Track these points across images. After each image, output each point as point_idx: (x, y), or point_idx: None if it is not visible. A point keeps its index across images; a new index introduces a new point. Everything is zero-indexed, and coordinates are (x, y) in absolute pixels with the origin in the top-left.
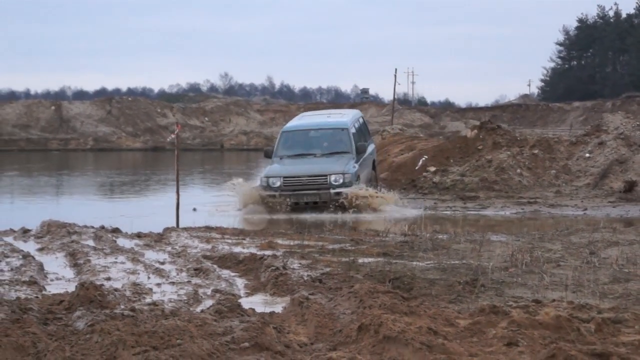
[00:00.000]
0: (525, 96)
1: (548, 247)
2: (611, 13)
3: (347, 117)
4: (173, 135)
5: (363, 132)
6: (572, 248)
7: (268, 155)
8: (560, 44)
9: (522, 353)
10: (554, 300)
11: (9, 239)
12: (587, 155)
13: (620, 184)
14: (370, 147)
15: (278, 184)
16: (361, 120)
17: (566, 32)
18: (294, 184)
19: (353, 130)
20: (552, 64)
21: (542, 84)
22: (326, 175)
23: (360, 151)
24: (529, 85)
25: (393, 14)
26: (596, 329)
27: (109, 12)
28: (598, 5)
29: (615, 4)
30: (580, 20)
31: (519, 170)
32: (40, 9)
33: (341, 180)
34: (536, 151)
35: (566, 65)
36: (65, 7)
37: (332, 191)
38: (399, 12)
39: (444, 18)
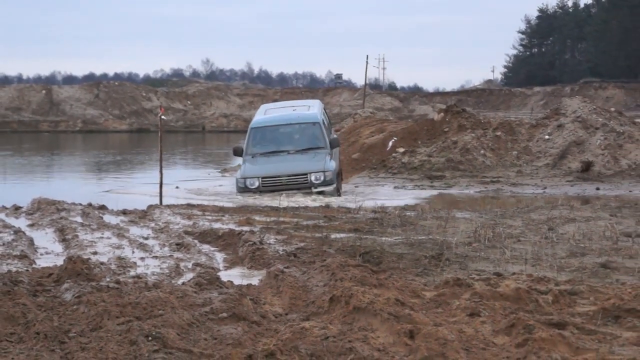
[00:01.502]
0: (489, 81)
1: (509, 224)
2: (570, 3)
3: (314, 109)
4: (164, 118)
5: (327, 124)
6: (531, 224)
7: (238, 153)
8: (522, 32)
9: (484, 323)
10: (514, 274)
11: (1, 215)
12: (547, 137)
13: (577, 164)
14: (334, 139)
15: (256, 184)
16: (324, 111)
17: (528, 21)
18: (273, 184)
19: (323, 123)
20: (515, 51)
21: (505, 70)
22: (306, 174)
23: (334, 145)
24: (493, 71)
25: (366, 2)
26: (553, 300)
27: (99, 0)
28: None
29: None
30: (541, 10)
31: (482, 152)
32: None
33: (322, 179)
34: (499, 133)
35: (527, 53)
36: None
37: (314, 190)
38: (373, 2)
39: (413, 6)
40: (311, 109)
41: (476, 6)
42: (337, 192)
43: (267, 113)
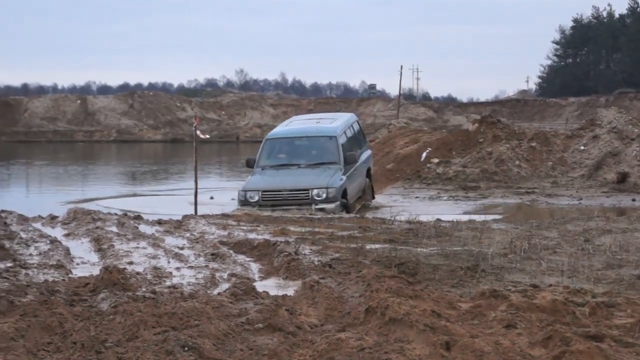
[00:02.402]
0: (523, 92)
1: (545, 235)
2: (605, 13)
3: (337, 122)
4: (203, 137)
5: (358, 138)
6: (567, 236)
7: (250, 164)
8: (556, 43)
9: (520, 335)
10: (550, 285)
11: (38, 225)
12: (582, 148)
13: (613, 175)
14: (365, 155)
15: (256, 198)
16: (356, 125)
17: (562, 32)
18: (274, 198)
19: (343, 138)
20: (549, 62)
21: (540, 80)
22: (308, 190)
23: (349, 161)
24: (527, 81)
25: (400, 14)
26: (590, 312)
27: (133, 11)
28: (593, 6)
29: (609, 4)
30: (575, 20)
31: (517, 162)
32: (67, 8)
33: (324, 195)
34: (534, 144)
35: (562, 63)
36: (90, 7)
37: (314, 207)
38: (406, 13)
39: (448, 18)
40: (335, 122)
41: (510, 17)
42: (345, 209)
43: (289, 125)
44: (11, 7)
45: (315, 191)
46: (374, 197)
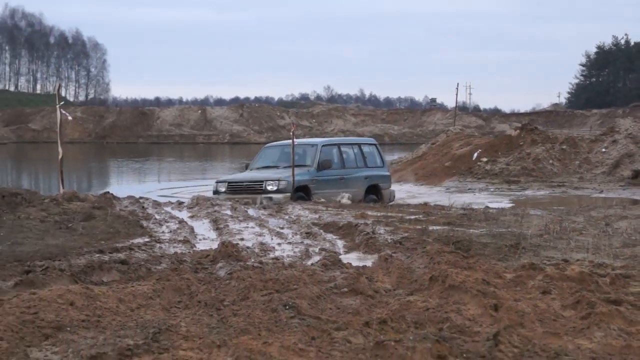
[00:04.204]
0: (555, 105)
1: (573, 219)
2: (622, 41)
3: (334, 138)
4: (293, 133)
5: (365, 157)
6: (591, 220)
7: (246, 168)
8: (583, 65)
9: (554, 299)
10: (578, 260)
11: (168, 209)
12: (604, 150)
13: (628, 172)
14: (368, 172)
15: (223, 189)
16: (367, 148)
17: (588, 56)
18: (235, 188)
19: (332, 150)
20: (577, 80)
21: (569, 95)
22: (262, 182)
23: (324, 166)
24: (559, 96)
25: (458, 41)
26: (610, 282)
27: (244, 38)
28: (612, 35)
29: (626, 34)
30: (598, 47)
31: (551, 161)
32: (192, 37)
33: (275, 187)
34: (564, 147)
35: (587, 81)
36: (209, 34)
37: (262, 196)
38: (462, 40)
39: (496, 45)
40: (334, 138)
41: (545, 44)
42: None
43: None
44: (148, 35)
45: (267, 183)
46: None
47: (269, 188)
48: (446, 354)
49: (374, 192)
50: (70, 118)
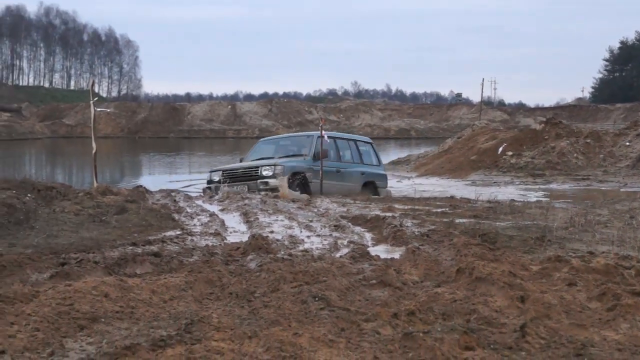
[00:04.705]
0: (579, 99)
1: (598, 212)
2: None
3: (330, 132)
4: (321, 132)
5: (361, 154)
6: (616, 213)
7: (241, 162)
8: (606, 60)
9: (579, 291)
10: (603, 252)
11: (199, 202)
12: (627, 143)
13: None
14: (363, 169)
15: (217, 178)
16: (363, 147)
17: (611, 51)
18: (231, 176)
19: (328, 142)
20: (600, 75)
21: (593, 89)
22: (258, 168)
23: (319, 157)
24: (582, 91)
25: (483, 39)
26: (636, 274)
27: (272, 36)
28: (636, 31)
29: None
30: (622, 42)
31: (575, 155)
32: (224, 35)
33: (271, 172)
34: (588, 140)
35: (611, 76)
36: (239, 34)
37: (258, 181)
38: (487, 38)
39: (520, 42)
40: (328, 131)
41: (571, 39)
42: (303, 190)
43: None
44: (179, 33)
45: (263, 168)
46: None
47: (264, 173)
48: (474, 345)
49: (371, 189)
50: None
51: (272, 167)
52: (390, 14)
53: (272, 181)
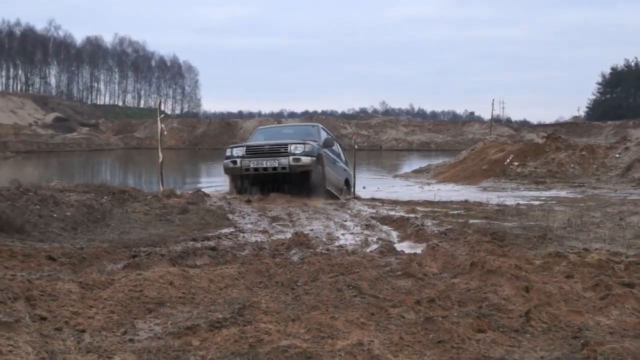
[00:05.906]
0: (575, 117)
1: (592, 214)
2: (633, 63)
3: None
4: (355, 141)
5: (339, 154)
6: (607, 215)
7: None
8: (599, 83)
9: (576, 282)
10: (596, 249)
11: (246, 207)
12: (617, 156)
13: (639, 174)
14: (344, 167)
15: (240, 153)
16: (337, 148)
17: (603, 76)
18: (256, 152)
19: (325, 133)
20: (594, 96)
21: (587, 109)
22: (287, 144)
23: (327, 144)
24: (578, 110)
25: (494, 64)
26: (625, 268)
27: (313, 61)
28: (625, 59)
29: (636, 57)
30: (612, 68)
31: (572, 165)
32: (269, 58)
33: (301, 150)
34: (584, 153)
35: (603, 97)
36: (286, 58)
37: (290, 157)
38: (497, 63)
39: (525, 67)
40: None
41: (568, 65)
42: (330, 192)
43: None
44: (233, 59)
45: (292, 145)
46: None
47: (295, 151)
48: (485, 328)
49: (346, 186)
50: (165, 133)
51: (303, 145)
52: (413, 44)
53: (304, 159)
